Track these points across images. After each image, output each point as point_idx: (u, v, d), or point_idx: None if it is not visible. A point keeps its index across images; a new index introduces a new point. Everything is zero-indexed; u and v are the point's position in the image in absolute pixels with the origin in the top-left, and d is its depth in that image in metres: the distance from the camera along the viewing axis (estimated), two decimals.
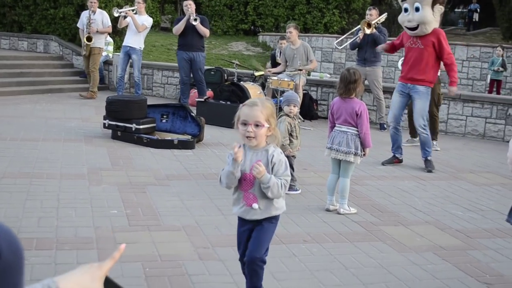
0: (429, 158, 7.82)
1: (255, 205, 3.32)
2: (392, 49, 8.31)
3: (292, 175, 6.04)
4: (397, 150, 7.98)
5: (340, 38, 12.04)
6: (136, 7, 11.98)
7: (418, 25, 7.47)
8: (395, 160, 7.96)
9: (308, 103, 11.51)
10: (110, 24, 12.27)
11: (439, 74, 9.45)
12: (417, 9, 7.43)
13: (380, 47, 9.00)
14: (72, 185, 5.86)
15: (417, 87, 7.66)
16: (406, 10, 7.59)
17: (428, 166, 7.74)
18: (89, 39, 12.25)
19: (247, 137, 3.13)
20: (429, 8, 7.40)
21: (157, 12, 21.64)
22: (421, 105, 7.69)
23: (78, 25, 12.83)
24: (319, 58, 17.17)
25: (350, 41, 11.10)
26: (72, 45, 15.02)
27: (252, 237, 3.36)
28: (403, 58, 8.38)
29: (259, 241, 3.34)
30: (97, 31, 12.29)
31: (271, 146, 3.25)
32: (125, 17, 11.94)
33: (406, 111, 9.61)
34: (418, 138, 9.52)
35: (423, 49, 7.55)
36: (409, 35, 7.73)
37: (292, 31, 10.91)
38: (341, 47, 11.26)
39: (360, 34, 10.60)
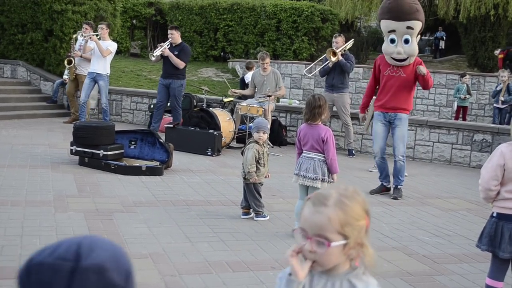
0: (399, 186, 7.82)
1: None
2: (373, 91, 8.15)
3: (259, 201, 6.05)
4: (385, 178, 7.94)
5: (309, 66, 12.15)
6: (100, 32, 11.93)
7: (407, 57, 7.46)
8: (383, 189, 7.94)
9: (277, 129, 11.55)
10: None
11: None
12: (406, 41, 7.38)
13: (363, 116, 8.54)
14: (37, 213, 5.76)
15: (400, 115, 7.66)
16: (393, 41, 7.47)
17: (396, 194, 7.74)
18: (69, 62, 12.22)
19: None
20: (415, 39, 7.43)
21: (126, 38, 21.62)
22: (403, 132, 7.70)
23: (79, 38, 12.63)
24: (288, 85, 17.29)
25: (319, 68, 11.18)
26: (40, 70, 14.90)
27: None
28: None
29: None
30: (81, 56, 12.26)
31: (360, 274, 1.79)
32: (86, 41, 11.93)
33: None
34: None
35: (405, 78, 7.54)
36: (388, 63, 7.65)
37: (268, 62, 11.03)
38: (310, 74, 11.35)
39: (330, 62, 10.69)
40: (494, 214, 3.83)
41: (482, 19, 19.23)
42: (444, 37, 26.96)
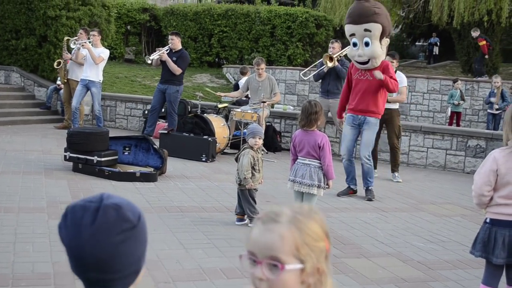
0: (370, 187, 7.95)
1: None
2: (347, 95, 8.16)
3: (254, 207, 6.04)
4: (352, 181, 8.07)
5: (305, 70, 12.15)
6: (92, 39, 11.91)
7: (369, 59, 7.57)
8: (350, 191, 8.05)
9: (272, 135, 11.55)
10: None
11: (398, 106, 9.62)
12: (366, 44, 7.51)
13: (340, 119, 8.67)
14: (30, 219, 5.74)
15: (369, 119, 7.78)
16: (355, 44, 7.65)
17: (369, 195, 7.88)
18: (58, 63, 12.20)
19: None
20: (377, 42, 7.52)
21: (121, 44, 21.60)
22: (370, 136, 7.85)
23: (71, 46, 12.60)
24: (282, 90, 17.29)
25: (314, 72, 11.18)
26: (34, 76, 14.87)
27: None
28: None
29: None
30: (70, 59, 12.22)
31: None
32: (79, 48, 11.91)
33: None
34: (377, 170, 9.66)
35: (372, 81, 7.66)
36: (357, 67, 7.82)
37: (263, 67, 11.02)
38: (306, 78, 11.36)
39: (325, 67, 10.71)
40: (488, 220, 3.83)
41: (475, 25, 19.28)
42: (438, 43, 27.05)
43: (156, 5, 24.44)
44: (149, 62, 11.18)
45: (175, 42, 11.25)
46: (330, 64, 10.53)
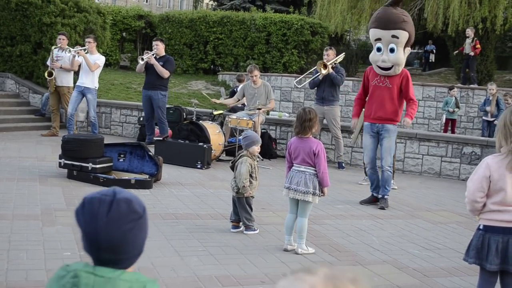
0: (386, 196, 7.89)
1: None
2: (362, 100, 8.20)
3: (250, 215, 6.03)
4: (375, 189, 8.00)
5: (299, 78, 12.16)
6: (87, 46, 11.90)
7: (392, 66, 7.56)
8: (374, 199, 8.01)
9: (267, 142, 11.54)
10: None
11: None
12: (391, 50, 7.51)
13: (354, 123, 8.56)
14: (25, 226, 5.71)
15: (387, 126, 7.75)
16: (379, 49, 7.63)
17: (383, 204, 7.81)
18: (50, 74, 12.16)
19: None
20: (402, 49, 7.54)
21: (116, 51, 21.59)
22: (390, 144, 7.81)
23: (47, 63, 12.64)
24: (278, 97, 17.29)
25: (309, 80, 11.18)
26: (28, 82, 14.83)
27: None
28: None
29: None
30: (60, 67, 12.20)
31: None
32: (74, 56, 11.90)
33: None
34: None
35: (391, 88, 7.64)
36: (376, 73, 7.79)
37: (256, 74, 11.01)
38: (300, 86, 11.37)
39: (320, 75, 10.72)
40: (481, 227, 3.82)
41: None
42: (434, 50, 27.12)
43: (151, 12, 24.50)
44: (141, 62, 11.18)
45: (160, 48, 11.33)
46: (324, 71, 10.54)
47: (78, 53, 11.76)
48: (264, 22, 20.27)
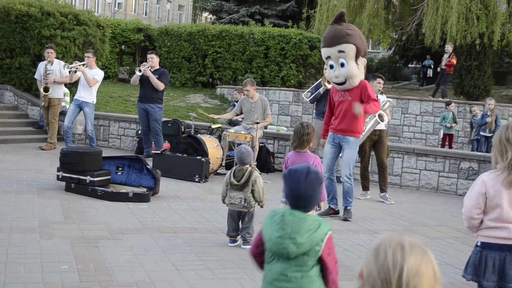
0: (348, 207, 7.95)
1: None
2: (330, 119, 8.22)
3: (253, 229, 6.06)
4: (332, 200, 8.03)
5: (305, 91, 12.05)
6: (86, 61, 11.93)
7: (345, 79, 7.68)
8: (331, 211, 8.02)
9: (265, 156, 11.56)
10: (67, 74, 12.16)
11: (386, 127, 9.68)
12: (342, 65, 7.62)
13: (325, 137, 8.42)
14: (22, 239, 5.71)
15: (347, 138, 7.85)
16: (331, 66, 7.77)
17: (346, 215, 7.89)
18: (46, 89, 12.17)
19: None
20: (353, 62, 7.63)
21: (115, 63, 21.65)
22: (350, 155, 7.91)
23: (35, 76, 12.77)
24: (276, 111, 17.34)
25: (310, 96, 11.20)
26: (27, 95, 14.86)
27: None
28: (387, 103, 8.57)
29: None
30: (54, 81, 12.24)
31: None
32: (75, 71, 11.92)
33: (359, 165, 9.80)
34: (369, 191, 9.68)
35: (351, 101, 7.73)
36: (337, 89, 7.93)
37: (249, 89, 11.04)
38: (309, 99, 11.31)
39: (321, 89, 10.77)
40: (479, 244, 3.83)
41: (468, 48, 19.45)
42: (432, 65, 27.22)
43: (150, 25, 24.59)
44: (139, 74, 11.22)
45: (155, 61, 11.44)
46: (328, 86, 10.58)
47: (77, 68, 11.78)
48: (262, 36, 20.36)
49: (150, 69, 11.33)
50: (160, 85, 11.18)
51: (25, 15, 14.39)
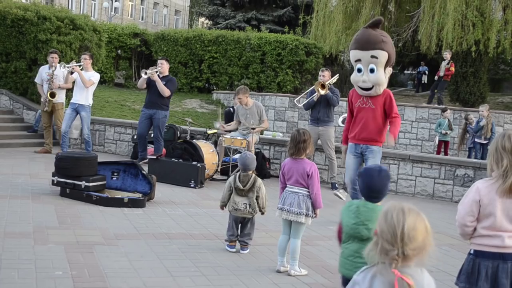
0: None
1: None
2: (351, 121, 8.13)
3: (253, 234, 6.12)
4: None
5: (299, 97, 12.07)
6: (82, 63, 11.91)
7: (373, 86, 7.59)
8: None
9: (261, 161, 11.54)
10: (64, 73, 12.13)
11: None
12: (371, 71, 7.51)
13: (346, 143, 8.31)
14: (16, 245, 5.68)
15: (371, 147, 7.72)
16: (359, 70, 7.63)
17: None
18: (52, 95, 12.15)
19: None
20: (382, 69, 7.54)
21: (111, 68, 21.63)
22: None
23: (36, 80, 12.73)
24: (272, 117, 17.35)
25: (305, 101, 11.18)
26: (23, 99, 14.83)
27: None
28: (344, 115, 8.37)
29: None
30: (59, 87, 12.25)
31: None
32: (71, 72, 11.92)
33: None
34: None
35: (374, 109, 7.64)
36: (359, 94, 7.79)
37: (241, 97, 11.03)
38: (301, 104, 11.32)
39: (315, 96, 10.75)
40: (472, 252, 3.82)
41: (463, 54, 19.52)
42: (427, 72, 27.29)
43: (147, 30, 24.57)
44: (144, 76, 11.10)
45: (165, 67, 11.34)
46: (322, 92, 10.58)
47: (73, 69, 11.77)
48: (259, 42, 20.39)
49: (158, 75, 11.24)
50: (166, 91, 11.10)
51: (21, 19, 14.38)
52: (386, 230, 2.55)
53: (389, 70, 7.69)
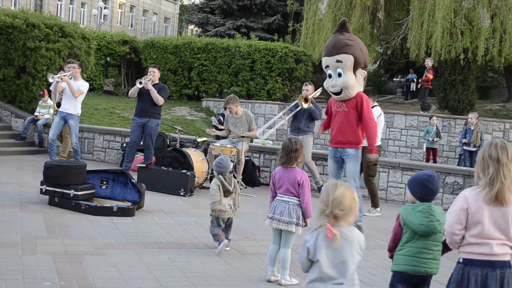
0: (358, 223, 7.84)
1: None
2: (329, 123, 8.32)
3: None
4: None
5: (287, 108, 12.04)
6: (71, 72, 11.77)
7: (341, 89, 7.68)
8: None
9: (251, 169, 11.53)
10: (53, 83, 11.97)
11: (380, 143, 9.69)
12: (339, 75, 7.64)
13: (318, 132, 9.14)
14: (4, 255, 5.61)
15: (347, 150, 7.81)
16: (330, 76, 7.80)
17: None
18: (58, 105, 12.06)
19: None
20: (351, 73, 7.63)
21: (100, 75, 21.58)
22: (352, 168, 7.85)
23: (51, 88, 12.45)
24: (261, 125, 17.33)
25: (289, 115, 11.24)
26: (11, 107, 14.76)
27: None
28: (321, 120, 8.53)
29: None
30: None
31: None
32: (58, 81, 11.78)
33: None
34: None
35: (348, 112, 7.74)
36: (335, 99, 7.94)
37: (231, 107, 11.02)
38: (288, 117, 11.33)
39: (299, 109, 10.89)
40: (461, 260, 3.83)
41: (452, 62, 19.63)
42: (415, 79, 27.41)
43: (136, 37, 24.56)
44: (139, 86, 11.00)
45: (157, 75, 11.26)
46: (305, 105, 10.72)
47: (61, 78, 11.66)
48: (248, 49, 20.42)
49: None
50: (160, 100, 11.03)
51: (10, 26, 14.31)
52: (324, 196, 3.42)
53: (362, 72, 7.76)
